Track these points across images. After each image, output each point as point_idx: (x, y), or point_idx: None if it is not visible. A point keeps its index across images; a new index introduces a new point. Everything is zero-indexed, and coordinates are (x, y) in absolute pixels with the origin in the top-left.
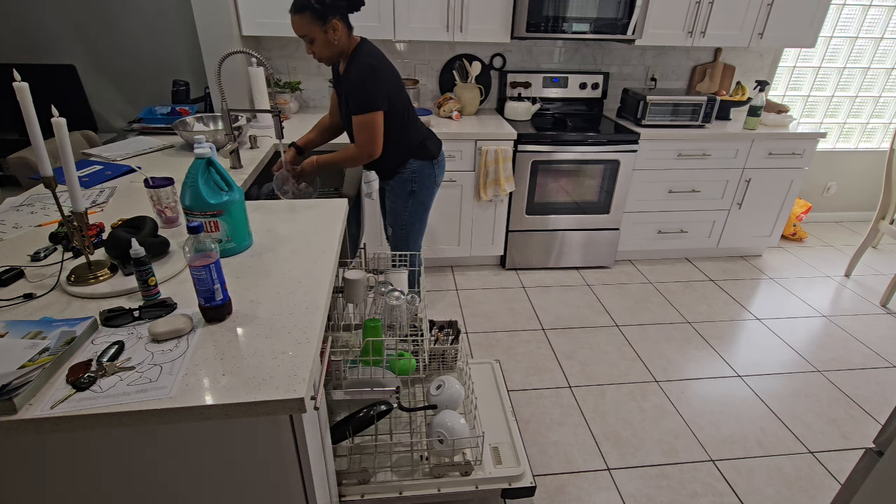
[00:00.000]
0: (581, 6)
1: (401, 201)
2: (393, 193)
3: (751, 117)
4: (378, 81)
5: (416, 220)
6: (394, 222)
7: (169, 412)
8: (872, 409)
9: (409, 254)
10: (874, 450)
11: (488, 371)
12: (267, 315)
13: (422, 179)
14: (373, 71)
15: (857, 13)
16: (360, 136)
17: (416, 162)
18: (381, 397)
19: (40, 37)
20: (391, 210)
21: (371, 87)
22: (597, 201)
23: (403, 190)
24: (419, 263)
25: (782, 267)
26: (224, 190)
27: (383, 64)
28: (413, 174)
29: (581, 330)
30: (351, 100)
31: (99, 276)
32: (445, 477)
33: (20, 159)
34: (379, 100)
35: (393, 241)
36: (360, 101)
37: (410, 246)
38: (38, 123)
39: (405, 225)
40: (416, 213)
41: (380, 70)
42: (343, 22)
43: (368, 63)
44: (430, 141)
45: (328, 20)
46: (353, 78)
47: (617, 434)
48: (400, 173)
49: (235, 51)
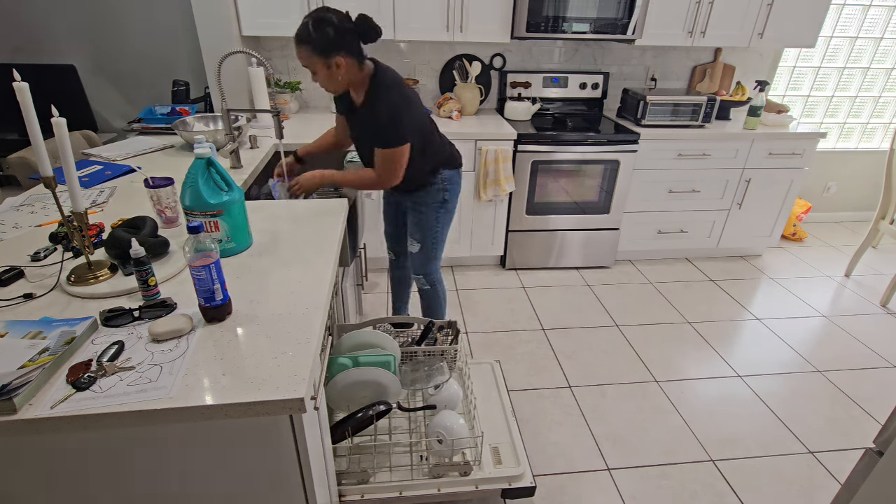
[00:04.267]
0: (581, 6)
1: (432, 212)
2: (423, 206)
3: (751, 117)
4: (409, 116)
5: (445, 228)
6: (423, 236)
7: (169, 412)
8: (872, 409)
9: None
10: (874, 450)
11: (488, 371)
12: (267, 315)
13: (452, 187)
14: (402, 107)
15: (857, 13)
16: (382, 168)
17: (447, 171)
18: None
19: (40, 37)
20: (420, 223)
21: (400, 125)
22: (597, 201)
23: (435, 200)
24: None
25: (782, 267)
26: (224, 190)
27: (406, 93)
28: (444, 182)
29: (581, 330)
30: (377, 135)
31: (99, 276)
32: (445, 477)
33: (20, 159)
34: (407, 135)
35: (420, 257)
36: (387, 138)
37: (436, 260)
38: (38, 123)
39: (435, 237)
40: (446, 222)
41: (408, 103)
42: (350, 57)
43: (394, 100)
44: (454, 149)
45: (331, 56)
46: (379, 114)
47: (617, 434)
48: (432, 185)
49: (235, 51)
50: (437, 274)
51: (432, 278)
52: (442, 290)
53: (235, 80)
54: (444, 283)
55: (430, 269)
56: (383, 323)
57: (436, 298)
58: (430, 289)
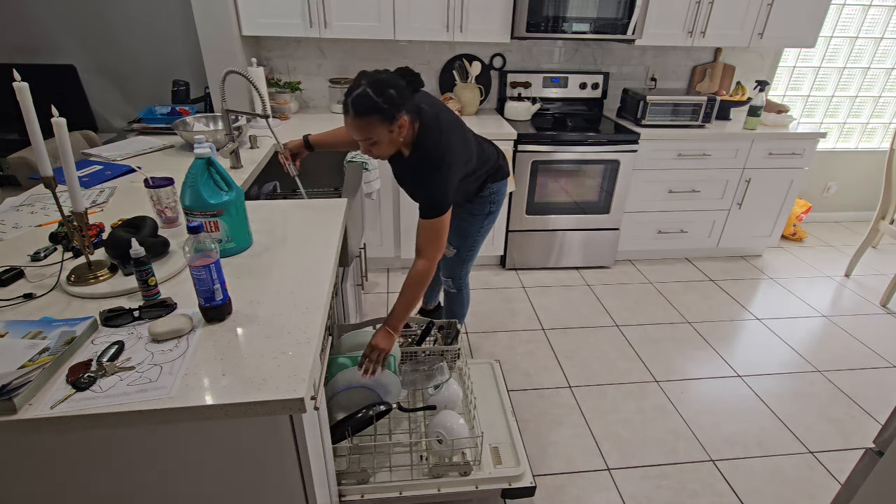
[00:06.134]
0: (581, 6)
1: (477, 221)
2: (468, 214)
3: (751, 117)
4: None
5: (484, 237)
6: (461, 243)
7: (169, 412)
8: (872, 409)
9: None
10: (874, 450)
11: (488, 371)
12: (267, 315)
13: (498, 198)
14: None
15: (857, 13)
16: (426, 241)
17: (495, 184)
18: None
19: (40, 37)
20: (461, 230)
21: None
22: (597, 201)
23: (482, 211)
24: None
25: (782, 267)
26: (224, 190)
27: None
28: (492, 195)
29: (581, 330)
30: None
31: (99, 276)
32: (445, 477)
33: (20, 159)
34: (450, 200)
35: (453, 262)
36: (430, 207)
37: (468, 265)
38: (38, 123)
39: (474, 243)
40: (488, 231)
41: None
42: (409, 114)
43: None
44: (501, 159)
45: (396, 119)
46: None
47: (617, 434)
48: (480, 197)
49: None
50: (466, 279)
51: (460, 283)
52: (467, 294)
53: (235, 80)
54: (469, 287)
55: (460, 273)
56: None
57: (459, 302)
58: (456, 293)
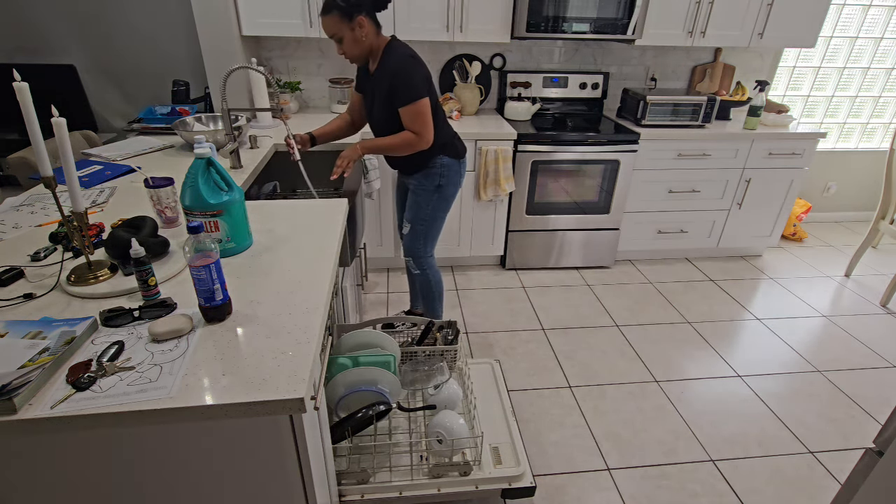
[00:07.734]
0: (581, 6)
1: (426, 195)
2: (419, 187)
3: (751, 117)
4: (419, 70)
5: (437, 216)
6: (414, 217)
7: (169, 412)
8: (872, 409)
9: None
10: (874, 450)
11: (488, 371)
12: (267, 315)
13: (449, 175)
14: (412, 60)
15: (857, 13)
16: (414, 126)
17: (446, 158)
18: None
19: (40, 37)
20: (414, 203)
21: (414, 76)
22: (597, 201)
23: (431, 184)
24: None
25: (782, 267)
26: (224, 190)
27: (418, 59)
28: (442, 168)
29: (581, 330)
30: (395, 92)
31: (99, 276)
32: (445, 477)
33: (20, 159)
34: (422, 88)
35: (409, 239)
36: (406, 92)
37: (426, 247)
38: (38, 123)
39: (426, 219)
40: (439, 209)
41: (418, 60)
42: (370, 19)
43: (406, 54)
44: (458, 140)
45: (354, 17)
46: (393, 68)
47: (617, 434)
48: (429, 167)
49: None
50: (428, 260)
51: (422, 262)
52: (434, 279)
53: (235, 80)
54: (439, 275)
55: (420, 251)
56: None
57: (427, 286)
58: (420, 273)
